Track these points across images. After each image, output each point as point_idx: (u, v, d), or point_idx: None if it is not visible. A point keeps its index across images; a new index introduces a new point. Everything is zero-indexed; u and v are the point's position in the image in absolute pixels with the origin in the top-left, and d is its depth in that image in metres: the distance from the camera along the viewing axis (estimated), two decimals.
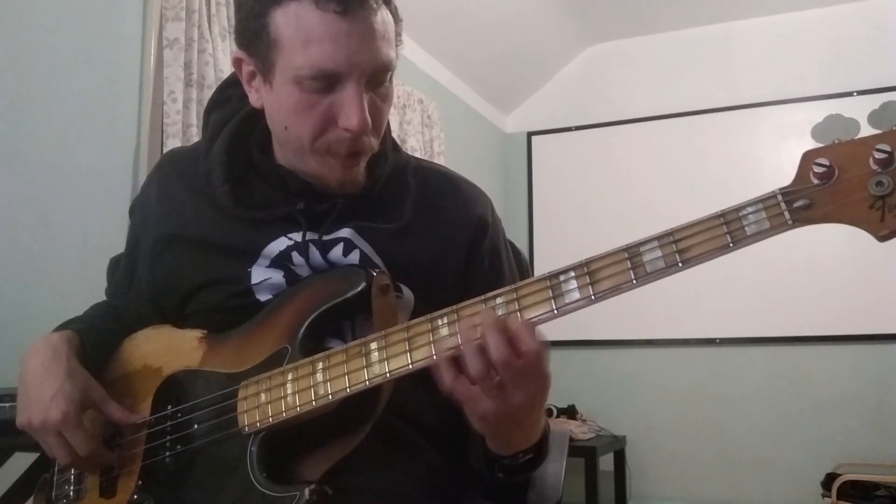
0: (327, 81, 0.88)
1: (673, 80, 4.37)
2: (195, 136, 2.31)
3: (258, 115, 1.00)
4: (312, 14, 0.86)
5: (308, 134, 0.91)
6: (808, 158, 0.71)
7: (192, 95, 2.36)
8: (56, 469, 1.04)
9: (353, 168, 0.96)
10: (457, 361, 0.78)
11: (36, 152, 2.00)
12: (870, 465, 3.60)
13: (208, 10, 2.47)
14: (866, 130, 0.71)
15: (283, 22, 0.87)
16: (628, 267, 0.74)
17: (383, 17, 0.89)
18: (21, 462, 1.40)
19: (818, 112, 3.91)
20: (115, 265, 1.17)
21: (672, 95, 4.35)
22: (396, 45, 0.93)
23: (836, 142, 0.71)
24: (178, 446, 0.93)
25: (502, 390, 0.77)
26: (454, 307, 0.80)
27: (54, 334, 1.00)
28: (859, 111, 0.72)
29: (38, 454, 1.27)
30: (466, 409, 0.80)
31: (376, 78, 0.90)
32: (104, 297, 1.18)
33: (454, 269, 1.01)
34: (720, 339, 4.14)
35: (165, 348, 1.01)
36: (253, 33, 0.91)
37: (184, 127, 2.32)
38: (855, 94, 3.97)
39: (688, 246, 0.73)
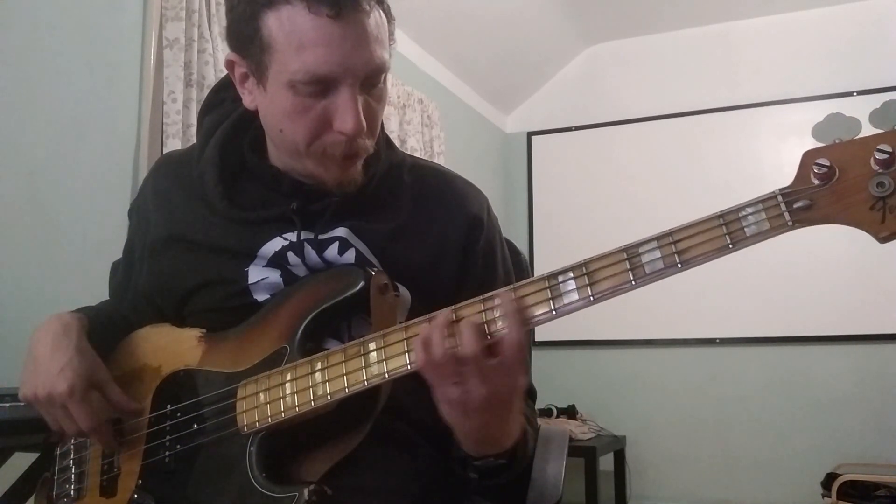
0: (321, 86, 0.87)
1: (673, 80, 4.37)
2: (195, 136, 2.30)
3: (251, 116, 1.00)
4: (305, 18, 0.85)
5: (303, 137, 0.91)
6: (808, 158, 0.70)
7: (192, 95, 2.36)
8: (57, 468, 1.05)
9: (350, 169, 0.96)
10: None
11: (36, 152, 2.00)
12: (870, 465, 3.59)
13: (208, 10, 2.47)
14: (867, 130, 0.70)
15: (275, 26, 0.87)
16: (627, 268, 0.73)
17: (376, 18, 0.89)
18: (21, 462, 1.40)
19: (818, 112, 3.89)
20: (115, 270, 1.18)
21: (672, 95, 4.35)
22: (390, 45, 0.93)
23: (836, 141, 0.70)
24: (178, 446, 0.94)
25: (463, 379, 0.78)
26: (452, 308, 0.80)
27: (66, 313, 1.01)
28: (860, 111, 0.72)
29: (39, 454, 1.27)
30: (434, 391, 0.81)
31: (370, 80, 0.90)
32: (106, 297, 1.18)
33: (449, 268, 1.00)
34: (720, 339, 4.13)
35: (165, 347, 1.01)
36: (246, 37, 0.90)
37: (184, 127, 2.32)
38: (855, 93, 3.96)
39: (687, 247, 0.72)
